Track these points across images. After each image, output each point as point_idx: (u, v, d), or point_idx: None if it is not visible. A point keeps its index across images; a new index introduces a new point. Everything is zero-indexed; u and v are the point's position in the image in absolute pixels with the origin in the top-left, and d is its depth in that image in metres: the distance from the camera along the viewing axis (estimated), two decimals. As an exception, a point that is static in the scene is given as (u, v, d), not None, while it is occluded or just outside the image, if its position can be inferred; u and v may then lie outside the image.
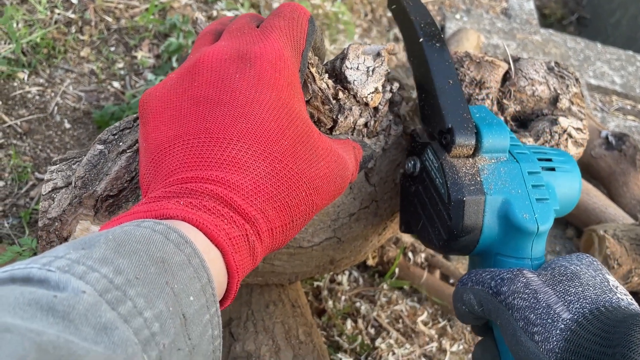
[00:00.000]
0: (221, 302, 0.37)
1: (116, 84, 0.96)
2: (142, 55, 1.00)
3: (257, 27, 0.48)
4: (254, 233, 0.37)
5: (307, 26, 0.47)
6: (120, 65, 0.99)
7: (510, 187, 0.50)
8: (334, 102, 0.55)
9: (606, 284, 0.42)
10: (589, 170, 1.04)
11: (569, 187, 0.56)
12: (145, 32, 1.03)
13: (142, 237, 0.31)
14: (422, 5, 0.58)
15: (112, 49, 1.00)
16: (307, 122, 0.43)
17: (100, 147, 0.50)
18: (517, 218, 0.48)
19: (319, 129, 0.55)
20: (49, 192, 0.49)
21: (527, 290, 0.42)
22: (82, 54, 0.98)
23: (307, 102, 0.53)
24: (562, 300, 0.40)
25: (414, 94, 0.67)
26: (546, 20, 1.96)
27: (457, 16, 1.38)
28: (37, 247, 0.67)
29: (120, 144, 0.50)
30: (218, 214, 0.35)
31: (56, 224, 0.48)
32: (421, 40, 0.55)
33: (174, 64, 0.99)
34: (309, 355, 0.64)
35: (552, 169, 0.55)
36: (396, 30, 1.31)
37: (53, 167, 0.50)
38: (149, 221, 0.32)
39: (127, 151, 0.49)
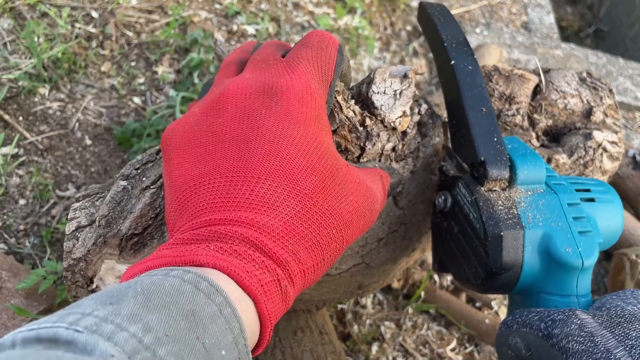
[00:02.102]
0: (253, 350, 0.35)
1: (137, 100, 0.95)
2: (163, 70, 0.99)
3: (283, 56, 0.46)
4: (285, 277, 0.35)
5: (336, 56, 0.46)
6: (141, 80, 0.98)
7: (549, 219, 0.47)
8: (361, 129, 0.53)
9: None
10: (616, 190, 1.01)
11: (611, 219, 0.53)
12: (166, 47, 1.02)
13: (172, 288, 0.29)
14: (453, 22, 0.56)
15: (133, 64, 0.99)
16: (335, 156, 0.42)
17: (124, 183, 0.48)
18: (559, 252, 0.45)
19: (346, 158, 0.54)
20: (73, 231, 0.47)
21: (582, 333, 0.39)
22: (103, 68, 0.97)
23: (334, 131, 0.52)
24: (622, 345, 0.37)
25: (443, 114, 0.65)
26: (563, 32, 1.94)
27: (477, 30, 1.37)
28: (61, 271, 0.66)
29: (144, 179, 0.49)
30: (249, 259, 0.34)
31: (81, 264, 0.47)
32: (452, 62, 0.53)
33: (195, 80, 0.98)
34: (338, 385, 0.62)
35: (592, 200, 0.52)
36: (415, 44, 1.30)
37: (76, 205, 0.49)
38: (178, 269, 0.31)
39: (151, 187, 0.48)
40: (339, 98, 0.51)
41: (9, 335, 0.26)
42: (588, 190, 0.53)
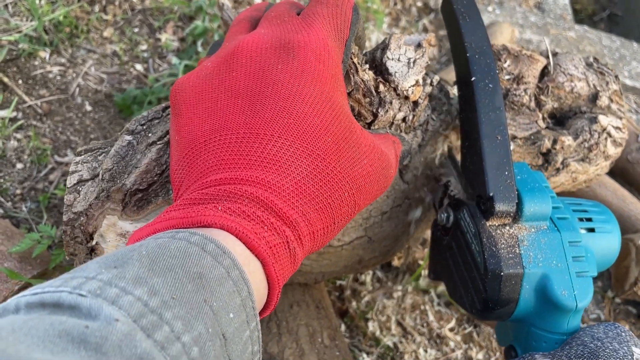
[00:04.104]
0: (261, 312, 0.35)
1: (139, 67, 0.93)
2: (167, 37, 0.97)
3: (298, 14, 0.45)
4: (295, 239, 0.35)
5: (352, 14, 0.44)
6: (144, 47, 0.96)
7: (549, 259, 0.48)
8: (375, 94, 0.52)
9: (629, 358, 0.41)
10: (625, 175, 1.00)
11: (608, 249, 0.53)
12: (170, 14, 1.00)
13: (178, 250, 0.28)
14: (479, 22, 0.53)
15: (136, 30, 0.97)
16: (350, 117, 0.40)
17: (129, 138, 0.47)
18: (555, 295, 0.46)
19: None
20: (74, 184, 0.46)
21: None
22: (105, 34, 0.95)
23: (348, 94, 0.50)
24: None
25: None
26: (577, 15, 1.90)
27: (490, 8, 1.33)
28: (56, 235, 0.65)
29: (150, 135, 0.47)
30: (258, 220, 0.33)
31: (82, 218, 0.45)
32: (473, 79, 0.51)
33: (199, 48, 0.96)
34: (334, 359, 0.61)
35: (592, 230, 0.52)
36: (425, 21, 1.27)
37: (78, 158, 0.48)
38: (184, 231, 0.30)
39: (157, 143, 0.46)
40: (355, 60, 0.50)
41: (13, 299, 0.25)
42: (590, 220, 0.53)
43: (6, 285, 0.59)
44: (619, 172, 1.00)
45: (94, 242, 0.47)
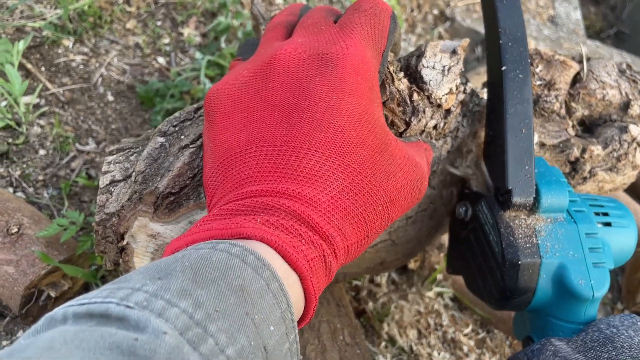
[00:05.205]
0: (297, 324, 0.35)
1: (161, 60, 0.94)
2: (189, 32, 0.98)
3: (335, 22, 0.44)
4: (330, 252, 0.35)
5: (389, 23, 0.44)
6: (166, 40, 0.96)
7: (566, 250, 0.48)
8: (409, 103, 0.52)
9: None
10: (635, 190, 1.01)
11: (624, 244, 0.54)
12: (193, 9, 1.00)
13: (220, 262, 0.29)
14: (516, 7, 0.52)
15: (159, 23, 0.98)
16: (385, 129, 0.40)
17: (161, 139, 0.47)
18: (572, 284, 0.47)
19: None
20: (107, 185, 0.46)
21: (556, 359, 0.41)
22: (128, 26, 0.95)
23: (383, 104, 0.50)
24: None
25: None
26: (585, 31, 1.92)
27: (504, 20, 1.35)
28: (83, 222, 0.65)
29: (182, 137, 0.47)
30: (296, 234, 0.33)
31: (113, 219, 0.46)
32: (504, 68, 0.51)
33: (222, 44, 0.96)
34: (355, 358, 0.62)
35: (609, 224, 0.53)
36: (441, 29, 1.28)
37: (110, 158, 0.48)
38: (225, 243, 0.30)
39: (190, 146, 0.46)
40: (391, 69, 0.49)
41: (60, 309, 0.25)
42: (607, 214, 0.54)
43: (33, 269, 0.59)
44: (630, 186, 1.01)
45: (124, 242, 0.47)
